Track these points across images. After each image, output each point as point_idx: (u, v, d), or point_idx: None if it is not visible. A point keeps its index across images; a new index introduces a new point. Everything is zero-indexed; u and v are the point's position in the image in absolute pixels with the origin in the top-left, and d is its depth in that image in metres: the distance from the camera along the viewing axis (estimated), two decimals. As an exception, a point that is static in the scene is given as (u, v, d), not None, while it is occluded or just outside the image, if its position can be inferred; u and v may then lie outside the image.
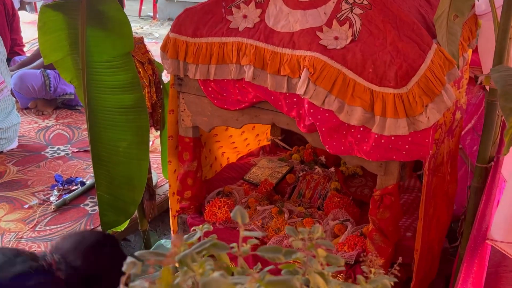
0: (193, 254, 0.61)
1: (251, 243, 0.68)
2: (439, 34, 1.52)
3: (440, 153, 1.65)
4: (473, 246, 1.14)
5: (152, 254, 0.62)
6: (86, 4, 1.76)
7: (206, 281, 0.49)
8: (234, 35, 1.65)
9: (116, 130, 1.88)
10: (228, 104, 1.72)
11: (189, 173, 1.93)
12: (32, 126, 3.34)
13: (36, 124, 3.37)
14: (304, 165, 2.24)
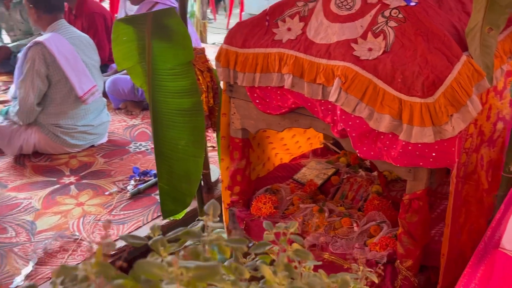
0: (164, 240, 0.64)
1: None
2: (471, 46, 1.45)
3: (472, 162, 1.57)
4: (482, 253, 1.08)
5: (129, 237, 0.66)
6: (152, 18, 1.85)
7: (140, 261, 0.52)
8: (278, 46, 1.68)
9: (175, 129, 1.96)
10: (271, 109, 1.74)
11: (238, 170, 1.97)
12: (121, 124, 3.56)
13: (125, 123, 3.58)
14: (349, 168, 2.21)
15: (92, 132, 3.10)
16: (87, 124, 3.06)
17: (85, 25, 4.00)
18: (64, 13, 4.15)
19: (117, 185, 2.71)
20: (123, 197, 2.58)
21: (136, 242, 0.67)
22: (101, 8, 4.26)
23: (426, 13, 1.51)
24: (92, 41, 3.20)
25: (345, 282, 0.69)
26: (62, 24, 3.04)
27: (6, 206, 2.52)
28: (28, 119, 2.92)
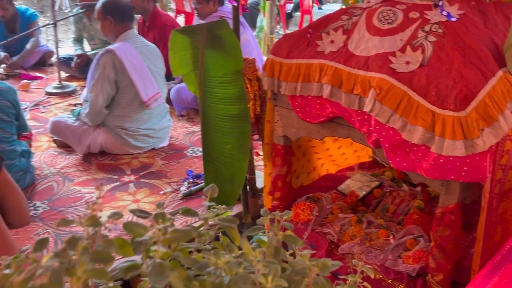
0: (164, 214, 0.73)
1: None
2: (510, 62, 1.44)
3: (509, 179, 1.54)
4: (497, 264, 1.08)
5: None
6: (206, 29, 1.99)
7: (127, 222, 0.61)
8: (319, 57, 1.74)
9: (222, 134, 2.07)
10: (310, 118, 1.80)
11: (279, 176, 2.05)
12: (182, 130, 3.75)
13: (186, 129, 3.77)
14: (393, 182, 2.22)
15: (153, 135, 3.30)
16: (149, 128, 3.26)
17: (156, 36, 4.25)
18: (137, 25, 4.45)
19: (171, 185, 2.87)
20: (176, 197, 2.73)
21: (142, 215, 0.77)
22: (171, 21, 4.52)
23: (466, 28, 1.52)
24: (158, 50, 3.41)
25: (326, 266, 0.75)
26: (132, 34, 3.28)
27: (70, 198, 2.75)
28: (97, 121, 3.16)
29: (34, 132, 3.45)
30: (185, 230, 0.62)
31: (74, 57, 4.90)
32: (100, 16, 3.31)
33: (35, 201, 2.70)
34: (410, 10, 1.65)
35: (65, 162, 3.20)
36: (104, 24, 3.30)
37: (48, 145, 3.45)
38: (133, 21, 3.38)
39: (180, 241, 0.61)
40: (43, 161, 3.21)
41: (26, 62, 5.26)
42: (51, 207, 2.66)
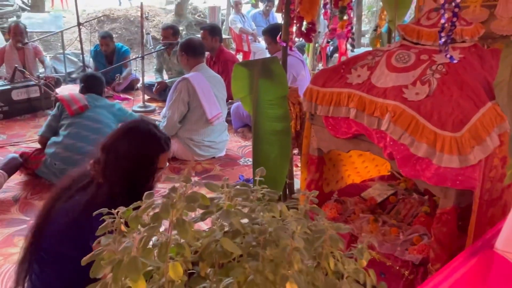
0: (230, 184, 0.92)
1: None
2: (499, 96, 1.55)
3: (497, 189, 1.63)
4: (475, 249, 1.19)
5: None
6: (261, 63, 2.19)
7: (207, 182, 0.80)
8: (348, 87, 1.90)
9: (269, 145, 2.24)
10: (339, 134, 1.96)
11: (312, 181, 2.20)
12: (236, 144, 3.96)
13: (239, 143, 3.98)
14: (406, 191, 2.32)
15: (214, 147, 3.53)
16: (211, 140, 3.49)
17: (220, 69, 4.53)
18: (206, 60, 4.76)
19: (226, 187, 3.06)
20: (229, 196, 2.92)
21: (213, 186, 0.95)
22: (233, 57, 4.79)
23: (465, 68, 1.65)
24: (222, 80, 3.67)
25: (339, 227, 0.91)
26: (203, 66, 3.56)
27: (148, 191, 3.00)
28: (171, 132, 3.43)
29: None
30: (243, 189, 0.80)
31: (155, 84, 5.26)
32: (180, 52, 3.62)
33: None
34: (421, 53, 1.79)
35: (144, 164, 3.47)
36: (182, 58, 3.60)
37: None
38: (204, 56, 3.66)
39: (240, 196, 0.79)
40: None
41: (118, 87, 5.68)
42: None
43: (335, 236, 0.88)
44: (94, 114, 2.99)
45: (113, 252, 0.63)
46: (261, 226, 0.84)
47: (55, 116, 3.06)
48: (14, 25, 5.17)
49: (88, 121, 2.96)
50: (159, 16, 9.80)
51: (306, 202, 0.99)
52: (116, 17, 9.32)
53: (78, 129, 2.95)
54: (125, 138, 1.68)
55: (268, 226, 0.83)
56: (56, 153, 2.89)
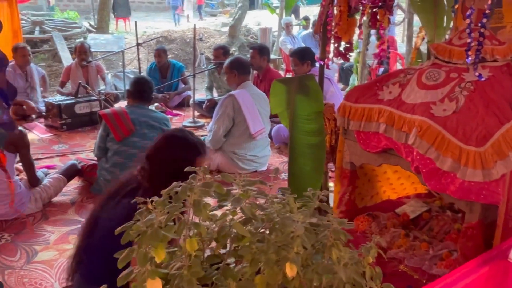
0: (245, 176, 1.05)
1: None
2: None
3: (524, 205, 1.65)
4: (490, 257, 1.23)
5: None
6: (298, 80, 2.33)
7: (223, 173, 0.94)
8: (379, 103, 1.99)
9: (304, 158, 2.36)
10: (370, 148, 2.04)
11: (345, 194, 2.28)
12: (278, 159, 4.10)
13: (281, 159, 4.11)
14: (440, 208, 2.33)
15: (256, 161, 3.68)
16: (253, 155, 3.65)
17: (266, 87, 4.71)
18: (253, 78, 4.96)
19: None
20: (268, 208, 3.04)
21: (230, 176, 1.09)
22: (279, 76, 4.96)
23: (492, 86, 1.70)
24: (266, 97, 3.83)
25: (342, 222, 1.01)
26: (248, 84, 3.75)
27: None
28: (216, 146, 3.62)
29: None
30: (254, 180, 0.93)
31: (205, 101, 5.54)
32: (227, 70, 3.82)
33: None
34: (451, 71, 1.85)
35: (190, 175, 3.68)
36: (229, 76, 3.81)
37: (180, 162, 3.98)
38: (250, 75, 3.86)
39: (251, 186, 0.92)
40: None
41: (171, 103, 6.02)
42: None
43: (338, 229, 0.99)
44: (139, 139, 3.10)
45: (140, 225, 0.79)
46: (270, 215, 0.97)
47: (102, 137, 3.18)
48: (79, 45, 5.68)
49: (134, 149, 3.05)
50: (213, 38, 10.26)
51: (316, 199, 1.10)
52: (173, 38, 9.88)
53: (124, 159, 3.08)
54: (166, 146, 1.88)
55: (276, 215, 0.95)
56: (105, 178, 3.12)
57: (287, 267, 0.84)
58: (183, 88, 6.07)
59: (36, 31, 8.75)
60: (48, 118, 4.95)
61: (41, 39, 8.63)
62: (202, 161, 1.90)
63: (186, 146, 1.88)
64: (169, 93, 5.94)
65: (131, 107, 3.24)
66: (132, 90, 3.31)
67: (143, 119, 3.14)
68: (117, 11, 13.45)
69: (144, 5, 21.33)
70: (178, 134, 1.95)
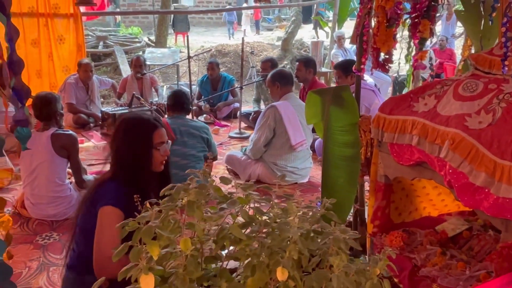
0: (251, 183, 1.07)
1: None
2: None
3: None
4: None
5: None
6: (333, 91, 2.32)
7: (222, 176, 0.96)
8: (413, 115, 1.94)
9: (337, 170, 2.33)
10: (403, 161, 1.98)
11: (379, 208, 2.22)
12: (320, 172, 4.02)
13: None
14: (482, 227, 2.20)
15: (297, 173, 3.67)
16: (294, 167, 3.64)
17: (312, 99, 4.70)
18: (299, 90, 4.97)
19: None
20: (304, 220, 3.02)
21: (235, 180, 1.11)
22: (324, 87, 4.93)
23: (532, 97, 1.60)
24: (309, 109, 3.82)
25: (345, 231, 1.00)
26: (291, 95, 3.77)
27: (230, 209, 3.24)
28: (257, 155, 3.66)
29: (215, 163, 4.09)
30: (250, 184, 0.95)
31: (252, 113, 5.62)
32: (270, 82, 3.87)
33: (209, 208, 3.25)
34: (489, 83, 1.77)
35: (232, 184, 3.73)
36: (273, 88, 3.85)
37: (223, 171, 4.06)
38: (293, 86, 3.87)
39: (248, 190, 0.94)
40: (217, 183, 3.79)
41: (220, 114, 6.16)
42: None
43: (338, 238, 0.98)
44: (180, 147, 3.26)
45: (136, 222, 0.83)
46: (267, 219, 0.98)
47: None
48: (135, 58, 5.99)
49: (175, 156, 3.14)
50: (266, 51, 10.40)
51: (323, 208, 1.10)
52: (227, 52, 10.13)
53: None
54: (120, 130, 1.93)
55: (274, 219, 0.96)
56: None
57: (278, 271, 0.85)
58: (231, 100, 6.20)
59: (100, 45, 9.33)
60: (104, 127, 5.25)
61: (104, 53, 9.19)
62: (161, 134, 1.95)
63: (138, 123, 1.93)
64: (218, 105, 6.09)
65: (171, 118, 3.41)
66: (171, 103, 3.50)
67: (183, 128, 3.28)
68: (177, 26, 14.02)
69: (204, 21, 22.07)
70: (129, 116, 1.99)
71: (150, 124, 1.94)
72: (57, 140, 2.95)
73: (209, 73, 6.23)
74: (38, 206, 2.97)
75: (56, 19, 5.97)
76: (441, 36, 8.03)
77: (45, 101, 2.97)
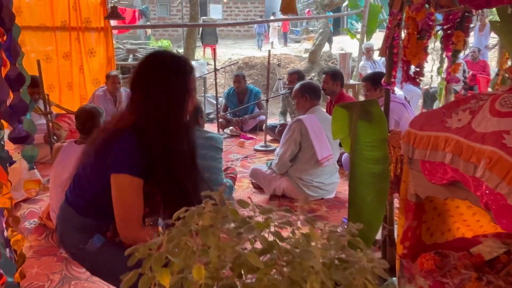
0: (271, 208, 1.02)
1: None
2: None
3: None
4: None
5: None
6: (360, 105, 2.24)
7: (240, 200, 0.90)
8: (446, 131, 1.84)
9: (365, 187, 2.24)
10: (435, 179, 1.88)
11: (410, 228, 2.11)
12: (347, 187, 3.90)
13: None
14: (522, 251, 2.06)
15: (323, 188, 3.57)
16: (320, 182, 3.55)
17: (340, 112, 4.60)
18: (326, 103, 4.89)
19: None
20: (330, 237, 2.91)
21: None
22: (352, 101, 4.83)
23: None
24: (336, 123, 3.73)
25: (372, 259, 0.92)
26: (317, 109, 3.69)
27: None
28: (282, 170, 3.59)
29: (240, 176, 4.05)
30: (268, 208, 0.89)
31: (277, 125, 5.56)
32: (297, 94, 3.79)
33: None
34: (530, 97, 1.66)
35: (256, 199, 3.68)
36: (299, 100, 3.77)
37: (248, 185, 4.00)
38: (320, 99, 3.80)
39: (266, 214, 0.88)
40: (242, 196, 3.74)
41: (246, 126, 6.13)
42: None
43: (365, 267, 0.90)
44: (201, 161, 3.06)
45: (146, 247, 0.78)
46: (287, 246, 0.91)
47: None
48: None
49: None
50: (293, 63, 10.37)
51: (348, 233, 1.02)
52: (254, 64, 10.15)
53: None
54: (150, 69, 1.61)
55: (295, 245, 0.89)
56: None
57: (299, 303, 0.78)
58: (257, 113, 6.17)
59: (129, 58, 9.50)
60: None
61: (133, 66, 9.35)
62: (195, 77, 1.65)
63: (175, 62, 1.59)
64: (244, 117, 6.06)
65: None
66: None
67: (200, 141, 3.23)
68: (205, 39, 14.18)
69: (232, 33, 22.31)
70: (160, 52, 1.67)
71: (186, 64, 1.63)
72: None
73: (235, 85, 6.23)
74: (64, 218, 2.98)
75: (87, 32, 6.11)
76: (474, 48, 7.79)
77: (89, 115, 3.01)
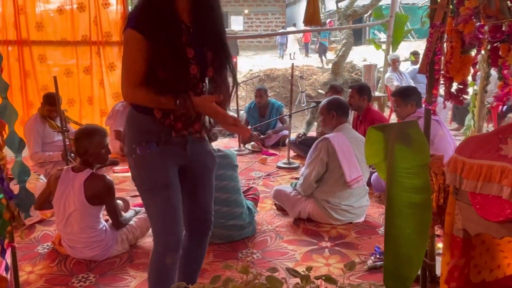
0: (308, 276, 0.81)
1: None
2: None
3: None
4: None
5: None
6: (397, 127, 2.01)
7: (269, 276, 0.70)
8: (502, 160, 1.60)
9: (404, 218, 2.00)
10: (489, 216, 1.64)
11: (456, 267, 1.87)
12: (378, 210, 3.69)
13: (382, 209, 3.68)
14: None
15: (351, 211, 3.33)
16: (348, 205, 3.31)
17: (367, 129, 4.35)
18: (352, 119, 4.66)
19: (359, 257, 2.82)
20: (361, 268, 2.67)
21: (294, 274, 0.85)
22: (380, 117, 4.58)
23: None
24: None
25: None
26: (345, 126, 3.46)
27: (279, 252, 2.95)
28: (307, 192, 3.37)
29: (262, 196, 3.83)
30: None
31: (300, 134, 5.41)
32: (324, 111, 3.55)
33: (253, 249, 2.98)
34: None
35: (279, 222, 3.46)
36: (327, 117, 3.53)
37: (271, 207, 3.79)
38: (347, 117, 3.57)
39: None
40: (264, 219, 3.53)
41: (268, 141, 5.93)
42: (263, 256, 2.90)
43: None
44: (219, 181, 2.87)
45: None
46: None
47: None
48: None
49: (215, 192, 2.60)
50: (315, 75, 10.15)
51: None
52: (276, 76, 9.97)
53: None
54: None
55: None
56: None
57: None
58: (280, 127, 5.98)
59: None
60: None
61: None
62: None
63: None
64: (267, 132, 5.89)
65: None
66: None
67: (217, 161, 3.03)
68: (226, 51, 14.13)
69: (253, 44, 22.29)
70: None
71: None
72: (90, 187, 2.75)
73: (257, 100, 6.07)
74: (74, 248, 2.84)
75: (108, 46, 6.05)
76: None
77: (82, 135, 2.79)
